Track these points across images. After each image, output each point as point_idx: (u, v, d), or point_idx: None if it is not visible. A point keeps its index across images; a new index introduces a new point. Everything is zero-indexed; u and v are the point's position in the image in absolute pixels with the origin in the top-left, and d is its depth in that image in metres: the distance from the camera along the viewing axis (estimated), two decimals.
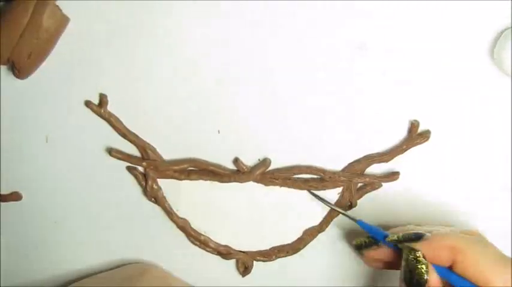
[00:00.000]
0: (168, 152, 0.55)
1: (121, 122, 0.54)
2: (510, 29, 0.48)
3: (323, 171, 0.54)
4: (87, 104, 0.54)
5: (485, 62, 0.50)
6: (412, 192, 0.54)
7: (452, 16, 0.49)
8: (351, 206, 0.55)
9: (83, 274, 0.60)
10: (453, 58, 0.50)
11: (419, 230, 0.47)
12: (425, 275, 0.44)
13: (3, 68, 0.53)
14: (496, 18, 0.49)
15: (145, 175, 0.55)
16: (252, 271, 0.58)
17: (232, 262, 0.58)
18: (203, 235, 0.57)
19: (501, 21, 0.49)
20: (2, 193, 0.58)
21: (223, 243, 0.58)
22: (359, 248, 0.50)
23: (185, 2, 0.50)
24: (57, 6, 0.50)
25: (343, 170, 0.54)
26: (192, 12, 0.51)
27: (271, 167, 0.54)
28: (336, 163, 0.54)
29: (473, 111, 0.51)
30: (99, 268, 0.59)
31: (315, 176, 0.55)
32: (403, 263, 0.45)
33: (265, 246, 0.58)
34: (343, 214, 0.52)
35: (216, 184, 0.55)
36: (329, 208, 0.55)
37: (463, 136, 0.52)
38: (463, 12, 0.49)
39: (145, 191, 0.56)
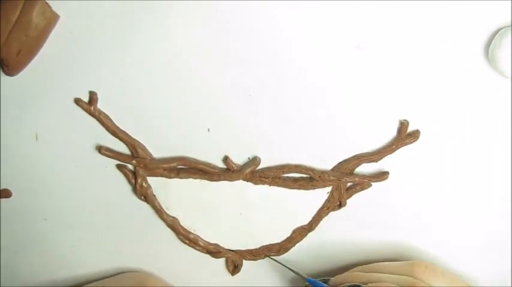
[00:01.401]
0: (158, 150, 0.55)
1: (111, 120, 0.54)
2: (504, 28, 0.48)
3: (312, 170, 0.54)
4: (77, 101, 0.54)
5: (479, 61, 0.50)
6: (401, 192, 0.54)
7: (447, 15, 0.49)
8: (340, 205, 0.55)
9: (74, 272, 0.60)
10: (447, 57, 0.50)
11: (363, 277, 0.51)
12: None
13: None
14: (491, 18, 0.49)
15: (135, 173, 0.55)
16: (242, 269, 0.58)
17: (222, 260, 0.58)
18: (192, 234, 0.57)
19: (495, 20, 0.49)
20: None
21: (212, 242, 0.58)
22: None
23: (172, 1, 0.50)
24: (47, 3, 0.50)
25: (333, 169, 0.54)
26: (181, 10, 0.50)
27: (260, 166, 0.54)
28: (325, 162, 0.54)
29: (466, 110, 0.52)
30: (89, 266, 0.59)
31: (304, 175, 0.55)
32: None
33: (254, 245, 0.58)
34: (295, 272, 0.55)
35: (206, 182, 0.55)
36: (318, 207, 0.56)
37: (454, 136, 0.52)
38: (458, 11, 0.49)
39: (135, 189, 0.56)
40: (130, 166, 0.55)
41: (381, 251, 0.57)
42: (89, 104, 0.54)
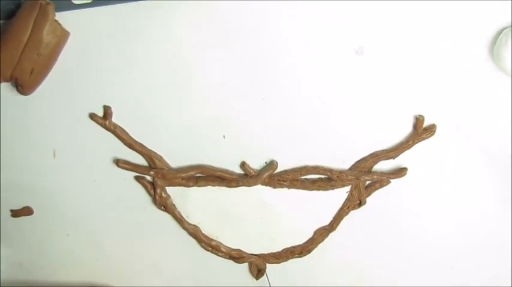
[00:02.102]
0: (175, 160, 0.55)
1: (126, 133, 0.54)
2: (508, 27, 0.48)
3: (330, 170, 0.54)
4: (92, 116, 0.54)
5: (484, 59, 0.50)
6: (420, 187, 0.54)
7: (452, 14, 0.49)
8: (360, 204, 0.55)
9: (98, 284, 0.60)
10: (453, 56, 0.50)
11: None
12: None
13: (8, 85, 0.53)
14: (496, 17, 0.48)
15: (153, 184, 0.56)
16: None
17: (245, 265, 0.58)
18: (214, 241, 0.57)
19: (500, 20, 0.48)
20: (13, 208, 0.58)
21: (234, 247, 0.58)
22: None
23: (184, 11, 0.50)
24: (57, 21, 0.50)
25: (351, 168, 0.54)
26: (192, 21, 0.51)
27: (278, 170, 0.54)
28: (343, 162, 0.54)
29: (472, 106, 0.51)
30: (113, 278, 0.60)
31: (322, 176, 0.54)
32: None
33: (277, 248, 0.58)
34: None
35: (225, 189, 0.55)
36: (338, 207, 0.55)
37: (465, 131, 0.52)
38: (464, 10, 0.49)
39: (154, 200, 0.56)
40: (148, 177, 0.56)
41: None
42: (104, 119, 0.54)
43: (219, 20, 0.50)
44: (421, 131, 0.52)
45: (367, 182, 0.54)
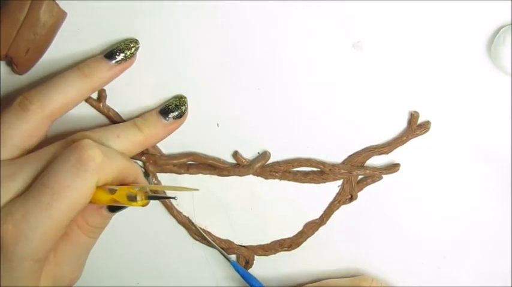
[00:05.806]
0: (167, 146, 0.55)
1: (120, 117, 0.54)
2: (507, 26, 0.48)
3: (323, 163, 0.54)
4: (86, 99, 0.54)
5: (482, 58, 0.49)
6: (412, 183, 0.54)
7: (450, 11, 0.49)
8: (351, 198, 0.55)
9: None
10: (450, 53, 0.50)
11: None
12: None
13: (2, 63, 0.53)
14: (494, 15, 0.48)
15: (144, 170, 0.55)
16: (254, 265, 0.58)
17: (233, 257, 0.58)
18: (204, 230, 0.57)
19: (499, 18, 0.48)
20: None
21: (224, 237, 0.57)
22: None
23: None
24: (54, 1, 0.50)
25: (343, 162, 0.54)
26: (187, 8, 0.50)
27: (270, 160, 0.54)
28: (335, 156, 0.54)
29: (469, 105, 0.51)
30: (102, 270, 0.59)
31: (314, 169, 0.54)
32: None
33: (266, 240, 0.58)
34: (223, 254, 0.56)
35: (216, 177, 0.55)
36: (329, 201, 0.55)
37: (460, 130, 0.52)
38: (462, 7, 0.48)
39: None
40: (139, 163, 0.55)
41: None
42: (98, 101, 0.54)
43: (215, 12, 0.50)
44: (415, 127, 0.52)
45: (359, 177, 0.54)
